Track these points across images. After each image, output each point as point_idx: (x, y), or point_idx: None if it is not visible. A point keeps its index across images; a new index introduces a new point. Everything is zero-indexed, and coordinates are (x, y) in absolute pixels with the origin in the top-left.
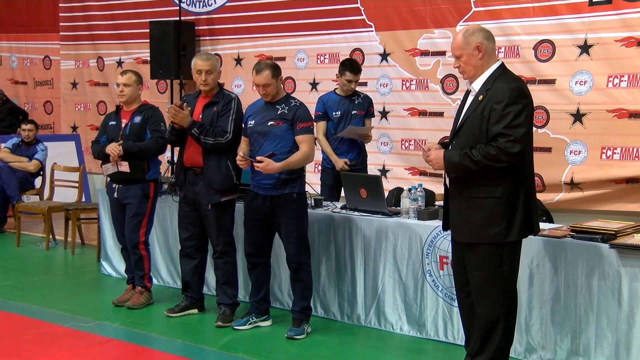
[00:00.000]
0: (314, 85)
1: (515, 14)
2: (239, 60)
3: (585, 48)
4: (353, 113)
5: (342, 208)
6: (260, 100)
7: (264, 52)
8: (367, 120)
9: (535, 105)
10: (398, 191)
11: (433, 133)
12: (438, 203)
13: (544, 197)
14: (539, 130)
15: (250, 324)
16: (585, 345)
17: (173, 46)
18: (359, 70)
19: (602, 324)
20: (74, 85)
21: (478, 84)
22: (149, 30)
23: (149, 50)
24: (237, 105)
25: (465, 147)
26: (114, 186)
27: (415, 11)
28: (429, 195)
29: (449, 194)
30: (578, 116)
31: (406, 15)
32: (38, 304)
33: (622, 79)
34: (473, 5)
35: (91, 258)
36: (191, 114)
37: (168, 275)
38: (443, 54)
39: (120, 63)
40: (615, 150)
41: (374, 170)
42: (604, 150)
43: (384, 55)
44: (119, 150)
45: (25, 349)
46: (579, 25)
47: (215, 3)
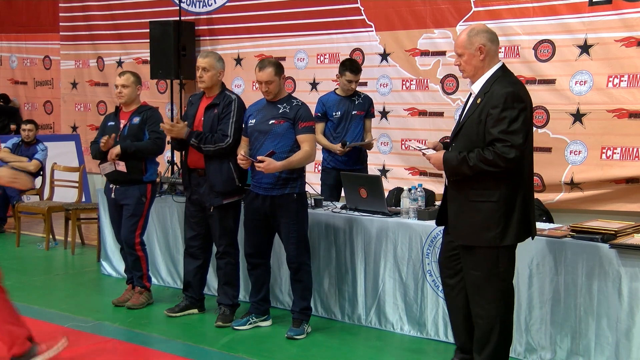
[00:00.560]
0: (314, 85)
1: (515, 14)
2: (239, 60)
3: (585, 48)
4: (353, 113)
5: (342, 208)
6: (261, 100)
7: (264, 52)
8: (367, 121)
9: (535, 105)
10: (398, 191)
11: (433, 133)
12: (438, 203)
13: (544, 197)
14: (539, 130)
15: (250, 324)
16: (585, 345)
17: (173, 46)
18: (359, 70)
19: (602, 324)
20: (74, 85)
21: (477, 86)
22: (149, 30)
23: (149, 50)
24: (238, 106)
25: (464, 150)
26: (112, 187)
27: (415, 11)
28: (429, 195)
29: (448, 196)
30: (578, 116)
31: (406, 15)
32: (38, 304)
33: (622, 79)
34: (473, 5)
35: (91, 258)
36: (195, 114)
37: (168, 275)
38: (443, 54)
39: (120, 63)
40: (615, 150)
41: (374, 170)
42: (604, 150)
43: (384, 55)
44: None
45: None
46: (579, 25)
47: (215, 3)
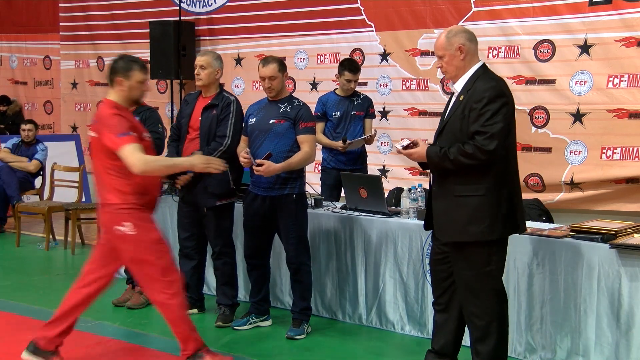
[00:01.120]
0: (314, 85)
1: (515, 14)
2: (239, 60)
3: (585, 48)
4: (352, 114)
5: (342, 208)
6: (262, 100)
7: (264, 52)
8: (367, 121)
9: (535, 105)
10: (398, 191)
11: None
12: None
13: (544, 197)
14: (539, 130)
15: (250, 324)
16: (585, 345)
17: (173, 46)
18: (357, 69)
19: (602, 324)
20: (74, 85)
21: (460, 85)
22: (149, 30)
23: (149, 50)
24: (237, 108)
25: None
26: None
27: (415, 11)
28: None
29: (433, 194)
30: (578, 116)
31: (406, 15)
32: (38, 304)
33: (622, 79)
34: (473, 5)
35: None
36: (191, 114)
37: None
38: None
39: None
40: (615, 150)
41: (374, 170)
42: (604, 150)
43: (384, 55)
44: None
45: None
46: (579, 25)
47: (215, 3)
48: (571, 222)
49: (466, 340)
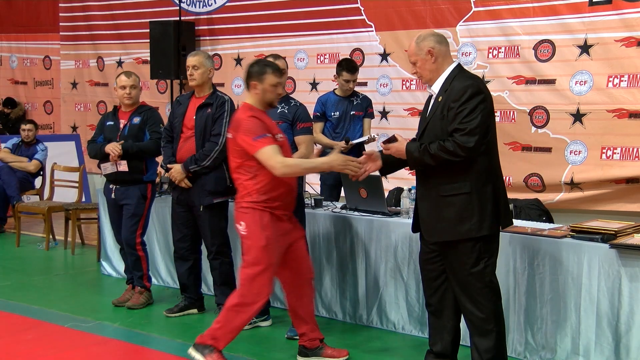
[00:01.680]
0: (314, 85)
1: (515, 14)
2: (239, 60)
3: (585, 48)
4: (352, 114)
5: (342, 208)
6: None
7: (264, 52)
8: (366, 121)
9: (535, 105)
10: (398, 191)
11: None
12: None
13: (544, 197)
14: (539, 131)
15: (250, 324)
16: (585, 345)
17: (173, 46)
18: (355, 69)
19: (602, 324)
20: (74, 85)
21: (437, 86)
22: (149, 30)
23: (149, 50)
24: (231, 107)
25: None
26: (112, 187)
27: (415, 11)
28: None
29: (418, 196)
30: (578, 116)
31: (406, 15)
32: (38, 304)
33: (622, 79)
34: (473, 5)
35: (91, 258)
36: (184, 114)
37: (168, 275)
38: None
39: (120, 63)
40: (615, 150)
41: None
42: (604, 150)
43: (384, 55)
44: (119, 149)
45: (25, 349)
46: (579, 25)
47: (215, 3)
48: (571, 222)
49: (466, 340)
